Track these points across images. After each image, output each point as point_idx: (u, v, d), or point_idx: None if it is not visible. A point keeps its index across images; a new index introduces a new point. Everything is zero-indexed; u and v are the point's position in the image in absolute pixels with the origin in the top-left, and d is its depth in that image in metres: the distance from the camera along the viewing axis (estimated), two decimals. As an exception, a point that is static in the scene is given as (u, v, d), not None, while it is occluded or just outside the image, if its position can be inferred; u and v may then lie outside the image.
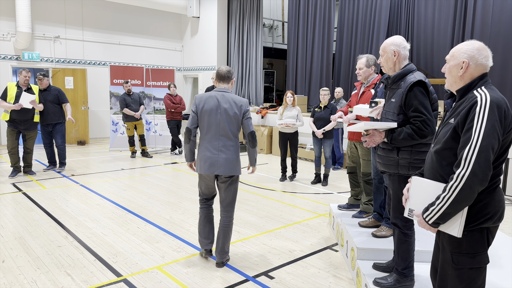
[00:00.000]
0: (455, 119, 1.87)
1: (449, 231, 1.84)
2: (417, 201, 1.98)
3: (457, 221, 1.81)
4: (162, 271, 3.45)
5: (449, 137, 1.87)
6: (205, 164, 3.42)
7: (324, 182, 6.71)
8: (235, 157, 3.46)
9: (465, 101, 1.88)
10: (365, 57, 4.02)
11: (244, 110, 3.46)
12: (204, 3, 12.09)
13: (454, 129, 1.84)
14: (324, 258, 3.80)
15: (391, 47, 2.79)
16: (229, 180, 3.48)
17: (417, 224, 2.01)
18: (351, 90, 9.68)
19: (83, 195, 5.78)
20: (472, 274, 1.87)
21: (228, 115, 3.40)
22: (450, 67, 1.96)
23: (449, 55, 1.98)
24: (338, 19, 10.35)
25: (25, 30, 9.76)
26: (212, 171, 3.40)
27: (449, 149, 1.88)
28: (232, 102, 3.42)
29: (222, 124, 3.40)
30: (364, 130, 2.88)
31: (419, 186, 1.98)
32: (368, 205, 4.18)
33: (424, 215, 1.88)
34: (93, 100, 11.33)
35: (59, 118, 7.06)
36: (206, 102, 3.42)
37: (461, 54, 1.91)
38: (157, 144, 10.19)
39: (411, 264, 2.80)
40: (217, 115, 3.40)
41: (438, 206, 1.81)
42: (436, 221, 1.84)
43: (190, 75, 13.12)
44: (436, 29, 8.64)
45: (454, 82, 1.96)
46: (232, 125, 3.43)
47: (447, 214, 1.80)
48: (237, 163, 3.48)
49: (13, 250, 3.81)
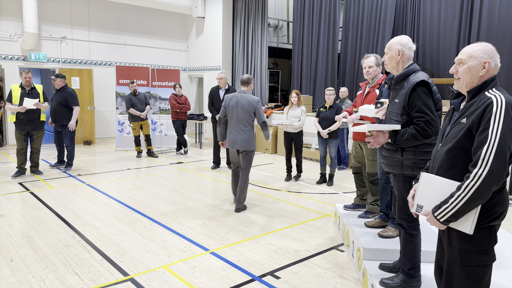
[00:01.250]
0: (467, 119, 1.89)
1: (461, 228, 1.86)
2: (427, 197, 1.99)
3: (470, 219, 1.83)
4: (168, 271, 3.47)
5: (461, 136, 1.89)
6: (229, 142, 5.09)
7: (329, 182, 6.71)
8: (249, 138, 5.00)
9: (476, 101, 1.90)
10: (373, 56, 4.02)
11: (255, 106, 5.00)
12: (209, 3, 12.12)
13: (469, 129, 1.87)
14: (330, 258, 3.80)
15: (396, 46, 2.78)
16: (244, 152, 5.03)
17: (425, 220, 2.03)
18: (356, 89, 9.66)
19: (90, 195, 5.82)
20: (480, 271, 1.90)
21: (244, 109, 4.96)
22: (470, 67, 1.93)
23: (465, 55, 1.96)
24: (343, 18, 10.32)
25: (32, 31, 9.84)
26: (234, 146, 5.04)
27: (460, 148, 1.91)
28: (247, 100, 4.99)
29: (240, 115, 4.98)
30: (368, 131, 2.88)
31: (429, 183, 1.99)
32: (374, 205, 4.18)
33: (436, 213, 1.90)
34: (99, 100, 11.39)
35: (66, 120, 7.10)
36: (230, 100, 5.03)
37: (481, 54, 1.92)
38: (163, 144, 10.23)
39: (418, 265, 2.80)
40: (237, 109, 4.97)
41: (452, 204, 1.84)
42: (448, 219, 1.87)
43: (195, 75, 13.15)
44: (442, 28, 8.59)
45: (471, 82, 1.95)
46: (247, 116, 4.99)
47: (461, 212, 1.83)
48: (250, 142, 5.01)
49: (21, 249, 3.85)
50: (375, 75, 4.04)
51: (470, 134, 1.87)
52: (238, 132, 4.97)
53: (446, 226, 1.91)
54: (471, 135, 1.87)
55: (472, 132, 1.86)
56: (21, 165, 6.77)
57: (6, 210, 5.03)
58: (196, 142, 11.51)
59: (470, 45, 1.99)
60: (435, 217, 1.90)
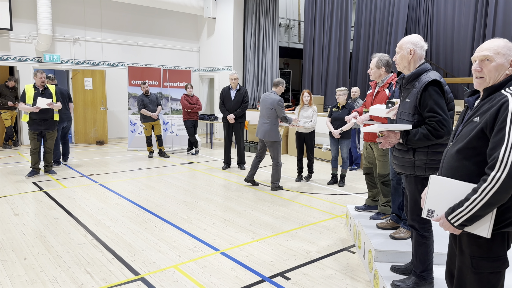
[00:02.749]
0: (480, 117, 1.81)
1: (477, 232, 1.78)
2: (438, 201, 1.90)
3: (487, 222, 1.75)
4: (179, 270, 3.48)
5: (474, 136, 1.81)
6: (256, 131, 6.29)
7: (341, 183, 6.65)
8: (269, 129, 6.08)
9: (491, 100, 1.81)
10: (377, 57, 3.99)
11: (275, 104, 6.04)
12: (220, 3, 12.15)
13: (482, 129, 1.78)
14: (340, 260, 3.77)
15: (407, 45, 2.74)
16: (269, 143, 6.14)
17: (437, 225, 1.96)
18: (368, 89, 9.58)
19: (102, 194, 5.88)
20: (492, 278, 1.82)
21: (267, 106, 6.11)
22: (498, 65, 1.82)
23: (492, 51, 1.84)
24: (355, 17, 10.24)
25: (46, 33, 9.99)
26: (257, 134, 6.26)
27: (472, 148, 1.83)
28: (271, 99, 6.09)
29: (264, 110, 6.16)
30: (379, 132, 2.84)
31: (439, 186, 1.90)
32: (386, 206, 4.13)
33: (449, 217, 1.81)
34: (112, 100, 11.51)
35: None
36: (262, 98, 6.25)
37: (508, 51, 1.83)
38: (174, 144, 10.29)
39: (430, 267, 2.76)
40: (263, 105, 6.18)
41: (467, 208, 1.75)
42: (463, 223, 1.78)
43: (206, 75, 13.19)
44: (456, 27, 8.47)
45: (496, 79, 1.85)
46: (268, 111, 6.09)
47: (477, 217, 1.75)
48: (270, 133, 6.07)
49: (35, 248, 3.90)
50: (376, 76, 4.03)
51: (483, 134, 1.78)
52: (261, 124, 6.18)
53: (461, 231, 1.83)
54: (483, 135, 1.78)
55: (485, 132, 1.77)
56: (35, 165, 6.87)
57: (20, 209, 5.11)
58: (207, 142, 11.55)
59: (490, 40, 1.89)
60: (448, 221, 1.82)
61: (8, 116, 9.75)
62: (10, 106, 9.64)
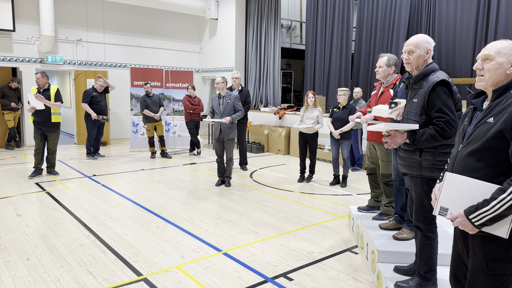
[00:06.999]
0: (495, 118, 1.80)
1: (496, 232, 1.75)
2: (454, 199, 1.85)
3: (507, 223, 1.72)
4: (181, 271, 3.48)
5: (490, 137, 1.79)
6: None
7: (343, 184, 6.64)
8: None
9: (503, 100, 1.81)
10: (386, 56, 3.97)
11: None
12: (222, 5, 12.16)
13: (500, 130, 1.76)
14: (343, 261, 3.76)
15: (425, 45, 2.69)
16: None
17: (441, 223, 1.94)
18: (370, 90, 9.56)
19: (105, 195, 5.89)
20: (506, 280, 1.80)
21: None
22: (498, 64, 1.84)
23: (493, 51, 1.87)
24: (357, 18, 10.23)
25: (49, 34, 10.02)
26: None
27: (489, 149, 1.80)
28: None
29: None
30: (385, 131, 2.83)
31: (456, 184, 1.85)
32: (388, 207, 4.12)
33: (471, 216, 1.78)
34: (114, 101, 11.53)
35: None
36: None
37: (510, 51, 1.84)
38: (176, 145, 10.29)
39: (434, 268, 2.75)
40: None
41: (493, 208, 1.72)
42: (484, 223, 1.75)
43: (208, 76, 13.20)
44: (458, 28, 8.45)
45: (497, 80, 1.86)
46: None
47: (501, 217, 1.72)
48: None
49: (37, 248, 3.90)
50: (384, 75, 4.00)
51: (501, 135, 1.76)
52: None
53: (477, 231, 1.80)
54: (502, 136, 1.76)
55: (503, 133, 1.76)
56: (37, 165, 6.88)
57: (23, 210, 5.12)
58: (209, 143, 11.55)
59: (495, 41, 1.92)
60: (469, 220, 1.78)
61: (11, 117, 9.77)
62: (13, 107, 9.67)
